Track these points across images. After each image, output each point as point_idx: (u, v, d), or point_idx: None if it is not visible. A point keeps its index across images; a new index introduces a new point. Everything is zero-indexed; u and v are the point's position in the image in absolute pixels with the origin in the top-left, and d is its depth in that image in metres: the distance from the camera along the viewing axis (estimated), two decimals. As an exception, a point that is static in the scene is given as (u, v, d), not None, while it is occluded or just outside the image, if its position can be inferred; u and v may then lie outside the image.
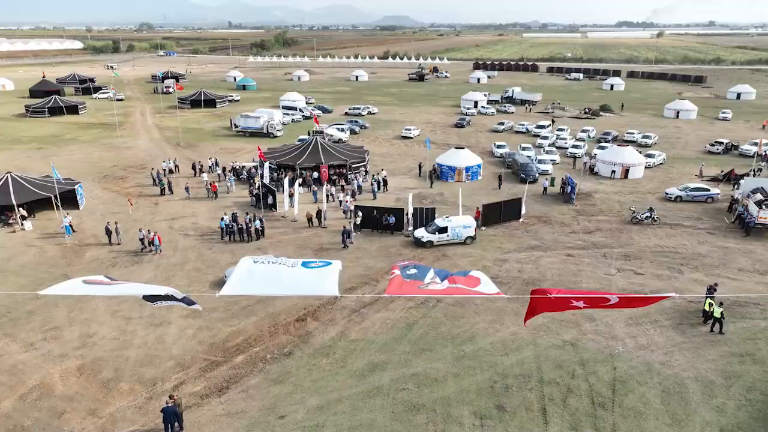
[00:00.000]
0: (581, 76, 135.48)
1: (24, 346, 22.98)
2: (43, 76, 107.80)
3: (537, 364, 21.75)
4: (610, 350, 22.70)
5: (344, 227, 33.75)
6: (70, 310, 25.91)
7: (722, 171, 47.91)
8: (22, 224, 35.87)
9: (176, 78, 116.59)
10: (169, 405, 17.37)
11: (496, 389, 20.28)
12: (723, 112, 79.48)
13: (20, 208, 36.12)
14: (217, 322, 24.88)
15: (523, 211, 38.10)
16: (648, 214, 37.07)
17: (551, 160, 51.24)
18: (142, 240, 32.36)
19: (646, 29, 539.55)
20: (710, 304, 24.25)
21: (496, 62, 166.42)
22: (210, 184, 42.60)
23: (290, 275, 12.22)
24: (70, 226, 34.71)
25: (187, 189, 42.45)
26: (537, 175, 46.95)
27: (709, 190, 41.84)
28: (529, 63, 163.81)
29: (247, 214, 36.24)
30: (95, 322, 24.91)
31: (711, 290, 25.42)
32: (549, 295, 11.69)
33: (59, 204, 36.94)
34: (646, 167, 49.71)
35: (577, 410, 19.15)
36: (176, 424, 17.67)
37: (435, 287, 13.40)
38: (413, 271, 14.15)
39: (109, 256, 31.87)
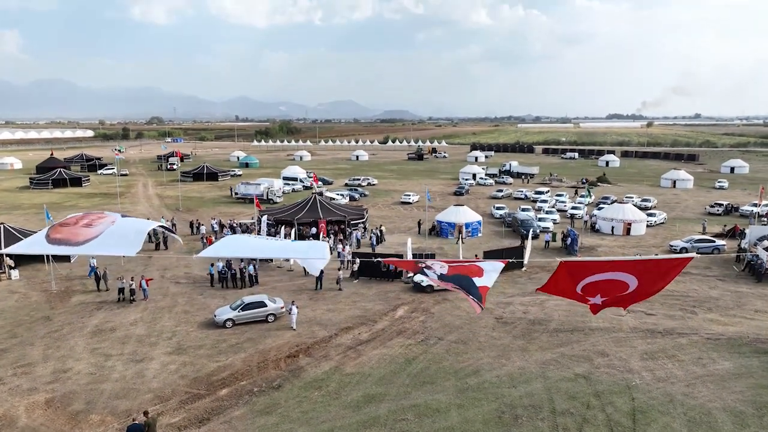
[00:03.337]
0: (576, 155, 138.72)
1: (-9, 381, 21.24)
2: (51, 154, 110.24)
3: (548, 396, 19.91)
4: (627, 382, 20.91)
5: (339, 276, 32.77)
6: (46, 347, 24.30)
7: (725, 226, 47.36)
8: (9, 273, 34.80)
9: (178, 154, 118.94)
10: (136, 423, 15.59)
11: (505, 419, 18.38)
12: (719, 182, 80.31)
13: (8, 258, 35.22)
14: (202, 358, 23.20)
15: (526, 260, 37.06)
16: (654, 262, 35.93)
17: (552, 220, 50.86)
18: (121, 290, 30.18)
19: (635, 120, 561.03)
20: None
21: (493, 145, 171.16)
22: (206, 238, 41.91)
23: (276, 245, 11.29)
24: (96, 267, 33.60)
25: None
26: (538, 231, 46.32)
27: (714, 242, 41.02)
28: (525, 145, 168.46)
29: (242, 260, 35.20)
30: (72, 358, 23.23)
31: None
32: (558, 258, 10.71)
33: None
34: (647, 226, 49.22)
35: (595, 439, 17.21)
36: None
37: (435, 272, 12.25)
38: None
39: (96, 301, 30.49)
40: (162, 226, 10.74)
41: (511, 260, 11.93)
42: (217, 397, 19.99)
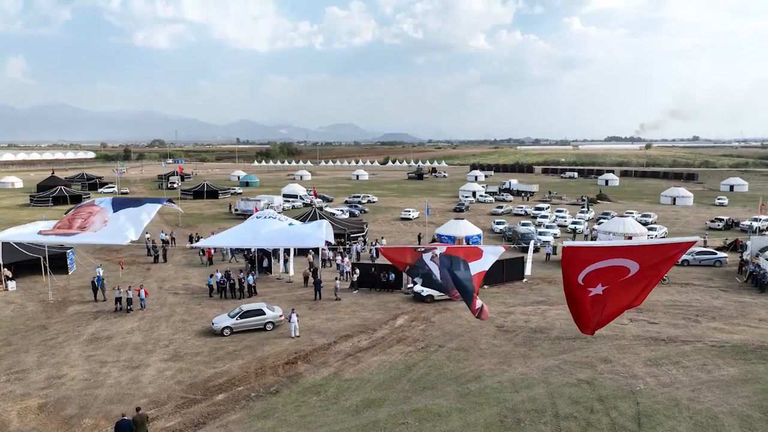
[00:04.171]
0: (576, 174, 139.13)
1: (-16, 387, 20.87)
2: (52, 173, 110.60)
3: (551, 400, 19.54)
4: (631, 387, 20.54)
5: (336, 285, 32.52)
6: (41, 355, 23.97)
7: (726, 239, 47.17)
8: (6, 284, 34.54)
9: (181, 175, 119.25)
10: (125, 419, 15.26)
11: (507, 423, 17.99)
12: (719, 198, 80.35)
13: (5, 269, 35.01)
14: (199, 365, 22.85)
15: (527, 272, 36.82)
16: (656, 273, 35.69)
17: (553, 234, 50.72)
18: (119, 299, 30.06)
19: (634, 143, 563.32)
20: None
21: (493, 165, 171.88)
22: (204, 250, 41.73)
23: (273, 230, 11.16)
24: (101, 278, 33.04)
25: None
26: (539, 244, 46.11)
27: (716, 254, 40.79)
28: (525, 165, 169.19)
29: (241, 271, 34.98)
30: (66, 365, 22.88)
31: None
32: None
33: (47, 265, 35.80)
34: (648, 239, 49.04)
35: (600, 442, 16.81)
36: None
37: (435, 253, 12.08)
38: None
39: (92, 311, 30.19)
40: (169, 200, 10.73)
41: (512, 246, 11.82)
42: (213, 402, 19.62)
